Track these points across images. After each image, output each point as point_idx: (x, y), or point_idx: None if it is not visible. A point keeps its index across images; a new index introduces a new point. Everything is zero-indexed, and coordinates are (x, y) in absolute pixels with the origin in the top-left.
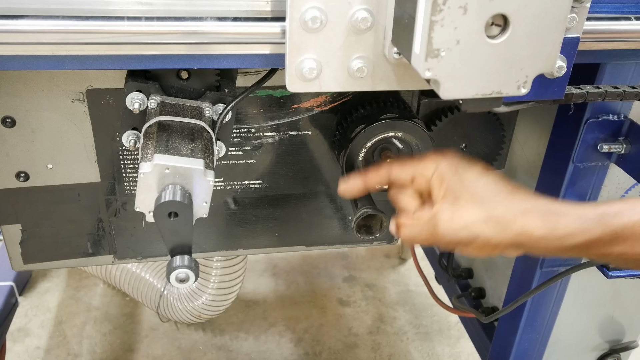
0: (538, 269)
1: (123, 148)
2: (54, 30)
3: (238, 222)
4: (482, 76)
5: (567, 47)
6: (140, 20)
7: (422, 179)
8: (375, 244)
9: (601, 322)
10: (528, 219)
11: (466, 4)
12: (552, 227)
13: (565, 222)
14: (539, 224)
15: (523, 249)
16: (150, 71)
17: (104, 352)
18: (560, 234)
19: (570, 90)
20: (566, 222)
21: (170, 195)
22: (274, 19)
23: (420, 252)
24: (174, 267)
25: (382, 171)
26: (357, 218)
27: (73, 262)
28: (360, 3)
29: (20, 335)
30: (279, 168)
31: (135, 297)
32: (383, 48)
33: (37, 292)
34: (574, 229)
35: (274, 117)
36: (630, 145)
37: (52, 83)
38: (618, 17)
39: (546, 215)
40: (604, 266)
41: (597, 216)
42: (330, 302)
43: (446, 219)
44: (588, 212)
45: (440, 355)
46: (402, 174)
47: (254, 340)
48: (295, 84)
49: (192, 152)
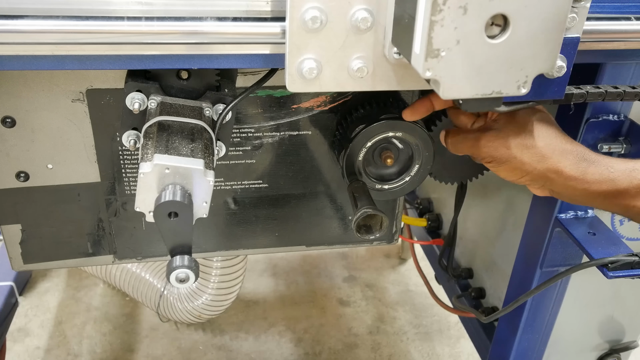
0: (538, 269)
1: (123, 148)
2: (54, 30)
3: (238, 222)
4: (482, 76)
5: (567, 47)
6: (140, 20)
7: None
8: (375, 244)
9: (601, 322)
10: (563, 157)
11: (466, 4)
12: (583, 171)
13: (596, 169)
14: (572, 165)
15: (551, 186)
16: (150, 71)
17: (104, 352)
18: (589, 179)
19: (570, 90)
20: (597, 169)
21: (170, 195)
22: (274, 19)
23: (420, 252)
24: (174, 267)
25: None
26: (357, 218)
27: (73, 262)
28: (360, 3)
29: (20, 335)
30: (279, 168)
31: (135, 297)
32: (383, 48)
33: (37, 292)
34: (603, 177)
35: (274, 117)
36: (630, 145)
37: (52, 83)
38: (618, 17)
39: (581, 159)
40: (604, 266)
41: (626, 169)
42: (330, 302)
43: (492, 135)
44: (619, 165)
45: (440, 355)
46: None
47: (254, 340)
48: (295, 84)
49: (192, 152)
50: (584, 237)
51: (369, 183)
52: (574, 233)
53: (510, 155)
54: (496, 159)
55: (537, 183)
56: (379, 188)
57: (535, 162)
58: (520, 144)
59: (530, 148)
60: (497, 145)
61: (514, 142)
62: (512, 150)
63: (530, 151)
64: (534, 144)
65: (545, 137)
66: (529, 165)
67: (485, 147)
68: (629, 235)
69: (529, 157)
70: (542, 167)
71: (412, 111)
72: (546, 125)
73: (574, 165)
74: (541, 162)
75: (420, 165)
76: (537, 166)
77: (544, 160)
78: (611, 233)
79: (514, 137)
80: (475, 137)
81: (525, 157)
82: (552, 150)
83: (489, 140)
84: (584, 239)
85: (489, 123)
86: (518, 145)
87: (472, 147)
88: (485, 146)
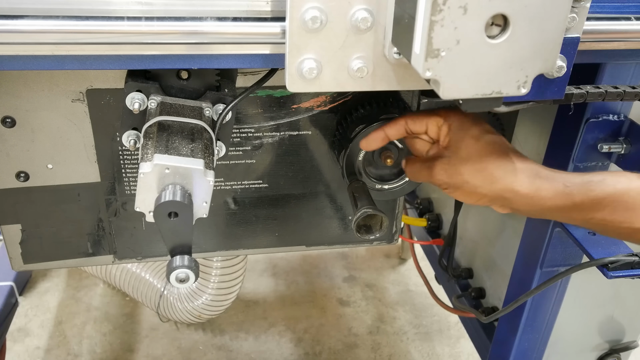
0: (538, 269)
1: (123, 148)
2: (54, 30)
3: (238, 222)
4: (482, 76)
5: (567, 47)
6: (140, 20)
7: (434, 127)
8: (375, 244)
9: (601, 322)
10: (516, 177)
11: (466, 4)
12: (537, 188)
13: (550, 185)
14: (526, 183)
15: (508, 205)
16: (150, 71)
17: (104, 352)
18: (544, 195)
19: (570, 90)
20: (551, 185)
21: (170, 195)
22: (274, 19)
23: (420, 252)
24: (174, 267)
25: (399, 123)
26: (357, 218)
27: (73, 262)
28: (360, 3)
29: (20, 335)
30: (279, 168)
31: (135, 297)
32: (383, 48)
33: (37, 292)
34: (558, 192)
35: (274, 117)
36: (630, 145)
37: (52, 83)
38: (618, 17)
39: (534, 177)
40: (604, 266)
41: (581, 182)
42: (330, 302)
43: (444, 162)
44: (574, 178)
45: (440, 355)
46: (417, 125)
47: (254, 340)
48: (295, 84)
49: (192, 152)
50: (584, 237)
51: (369, 183)
52: (574, 233)
53: (463, 180)
54: (450, 185)
55: (496, 203)
56: (379, 188)
57: (489, 184)
58: (471, 168)
59: (481, 171)
60: (449, 172)
61: (464, 167)
62: (464, 176)
63: (482, 174)
64: (485, 167)
65: (496, 158)
66: (482, 188)
67: (439, 175)
68: None
69: (481, 180)
70: (497, 188)
71: (367, 142)
72: (497, 147)
73: (527, 184)
74: (494, 183)
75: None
76: (491, 188)
77: (496, 181)
78: None
79: (465, 163)
80: (428, 165)
81: (478, 180)
82: (503, 171)
83: (441, 167)
84: (584, 239)
85: (440, 150)
86: (469, 170)
87: (427, 176)
88: (438, 174)
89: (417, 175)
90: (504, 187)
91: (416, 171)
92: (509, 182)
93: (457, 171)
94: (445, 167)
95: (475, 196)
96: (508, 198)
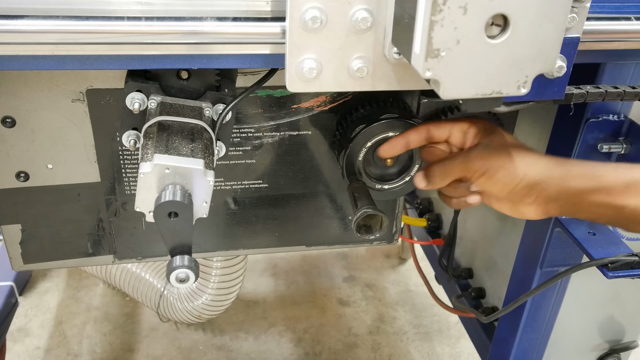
0: (538, 269)
1: (123, 148)
2: (54, 30)
3: (238, 222)
4: (482, 76)
5: (567, 47)
6: (140, 20)
7: (459, 133)
8: (375, 244)
9: (601, 322)
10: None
11: (466, 4)
12: (568, 169)
13: (580, 167)
14: (559, 165)
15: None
16: (150, 71)
17: (104, 352)
18: (575, 174)
19: (570, 90)
20: (581, 167)
21: (170, 195)
22: (274, 19)
23: (420, 252)
24: (174, 267)
25: (421, 130)
26: (357, 218)
27: (73, 262)
28: (360, 3)
29: (20, 335)
30: (279, 168)
31: (135, 297)
32: (383, 48)
33: (37, 292)
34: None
35: (274, 117)
36: (630, 145)
37: (52, 83)
38: (618, 17)
39: (563, 162)
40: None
41: (611, 167)
42: (330, 302)
43: (480, 149)
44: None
45: (440, 355)
46: (440, 131)
47: (254, 340)
48: (295, 84)
49: (192, 152)
50: (584, 237)
51: (369, 183)
52: (574, 233)
53: (502, 163)
54: (489, 168)
55: (531, 190)
56: (379, 188)
57: (525, 165)
58: (509, 151)
59: (518, 153)
60: (487, 156)
61: (503, 150)
62: (502, 158)
63: (519, 156)
64: (521, 151)
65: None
66: (520, 168)
67: (478, 159)
68: (629, 235)
69: (519, 160)
70: (534, 171)
71: (388, 148)
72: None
73: (560, 166)
74: (531, 166)
75: (420, 165)
76: (527, 169)
77: (533, 164)
78: (611, 233)
79: (502, 147)
80: (464, 155)
81: (517, 161)
82: (538, 156)
83: (478, 154)
84: (584, 239)
85: (471, 145)
86: (507, 153)
87: (463, 165)
88: (477, 158)
89: (449, 171)
90: (541, 169)
91: (448, 167)
92: (543, 164)
93: (496, 153)
94: (482, 153)
95: (513, 179)
96: (543, 181)
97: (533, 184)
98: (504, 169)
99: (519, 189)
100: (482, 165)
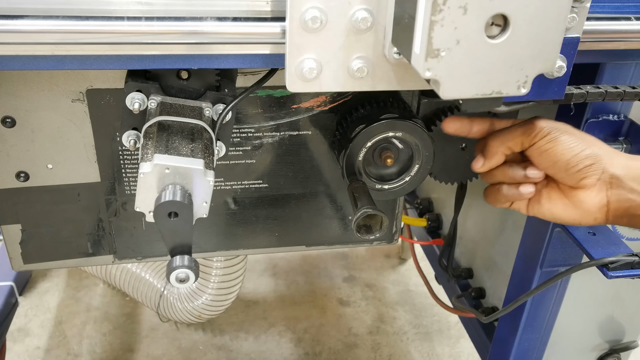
0: (538, 269)
1: (123, 148)
2: (54, 30)
3: (238, 222)
4: (482, 76)
5: (567, 47)
6: (140, 20)
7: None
8: (375, 244)
9: (601, 322)
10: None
11: (466, 4)
12: (632, 156)
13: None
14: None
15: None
16: (150, 71)
17: (104, 352)
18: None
19: (570, 90)
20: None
21: (170, 195)
22: (274, 19)
23: (420, 252)
24: (174, 267)
25: (486, 120)
26: (357, 218)
27: (73, 262)
28: (360, 3)
29: (20, 335)
30: (279, 168)
31: (135, 297)
32: (383, 48)
33: (37, 292)
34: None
35: (274, 117)
36: (630, 145)
37: (52, 83)
38: (618, 17)
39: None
40: (604, 266)
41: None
42: (330, 302)
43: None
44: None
45: (440, 355)
46: (503, 124)
47: (254, 340)
48: (295, 84)
49: (192, 152)
50: (584, 237)
51: (369, 183)
52: (574, 233)
53: (572, 130)
54: (557, 128)
55: (597, 166)
56: (379, 188)
57: (597, 142)
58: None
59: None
60: (555, 122)
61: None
62: (573, 129)
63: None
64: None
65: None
66: (591, 139)
67: (543, 121)
68: (629, 235)
69: (588, 135)
70: (603, 147)
71: (454, 122)
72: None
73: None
74: (602, 145)
75: (420, 165)
76: (597, 143)
77: (604, 144)
78: (611, 233)
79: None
80: (527, 120)
81: (584, 135)
82: (599, 145)
83: (544, 118)
84: (584, 239)
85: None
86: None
87: (526, 125)
88: (542, 119)
89: (509, 135)
90: (608, 148)
91: (506, 134)
92: (611, 149)
93: (562, 124)
94: (547, 119)
95: (578, 144)
96: (609, 157)
97: (598, 156)
98: (570, 134)
99: (584, 157)
100: (547, 124)
